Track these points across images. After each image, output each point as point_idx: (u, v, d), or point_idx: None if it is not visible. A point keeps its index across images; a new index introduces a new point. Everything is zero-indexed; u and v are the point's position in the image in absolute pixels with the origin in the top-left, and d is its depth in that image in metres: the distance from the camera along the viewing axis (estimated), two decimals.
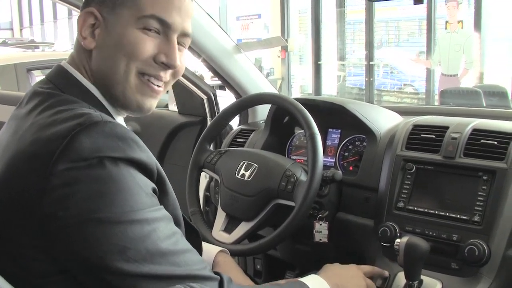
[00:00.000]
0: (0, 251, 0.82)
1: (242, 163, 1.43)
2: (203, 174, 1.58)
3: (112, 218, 0.78)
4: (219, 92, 2.17)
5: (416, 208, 1.30)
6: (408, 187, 1.33)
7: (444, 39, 6.35)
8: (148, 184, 0.84)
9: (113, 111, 0.96)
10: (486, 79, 6.38)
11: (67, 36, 14.40)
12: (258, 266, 1.78)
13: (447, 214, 1.25)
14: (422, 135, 1.38)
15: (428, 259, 1.16)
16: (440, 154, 1.32)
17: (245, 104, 1.61)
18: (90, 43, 0.92)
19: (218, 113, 1.85)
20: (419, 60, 7.41)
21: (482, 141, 1.29)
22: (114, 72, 0.91)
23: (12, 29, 17.91)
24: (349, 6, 8.41)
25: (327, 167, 1.55)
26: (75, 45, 0.96)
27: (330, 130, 1.64)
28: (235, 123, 1.99)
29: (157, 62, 0.93)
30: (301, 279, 1.08)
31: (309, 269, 1.19)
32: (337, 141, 1.62)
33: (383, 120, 1.54)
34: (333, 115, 1.60)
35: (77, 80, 0.93)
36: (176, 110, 2.26)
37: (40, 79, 0.96)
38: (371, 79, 7.62)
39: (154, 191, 0.86)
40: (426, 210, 1.28)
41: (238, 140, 1.80)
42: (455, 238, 1.22)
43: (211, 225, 1.47)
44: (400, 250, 1.14)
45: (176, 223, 0.91)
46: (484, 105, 4.43)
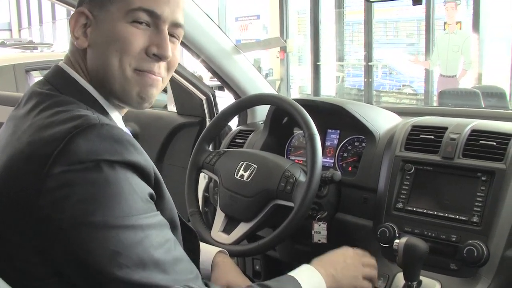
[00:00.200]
0: None
1: (241, 163, 1.43)
2: (202, 175, 1.58)
3: (106, 222, 0.77)
4: (218, 92, 2.17)
5: (415, 209, 1.30)
6: (407, 187, 1.33)
7: (443, 40, 6.36)
8: (144, 189, 0.84)
9: (112, 109, 0.96)
10: (485, 80, 6.39)
11: (66, 37, 14.38)
12: (257, 267, 1.78)
13: (446, 214, 1.25)
14: (421, 136, 1.38)
15: (427, 260, 1.16)
16: (439, 155, 1.32)
17: (244, 104, 1.61)
18: (83, 42, 0.92)
19: (217, 113, 1.85)
20: (418, 61, 7.42)
21: (481, 141, 1.29)
22: (109, 68, 0.91)
23: (10, 30, 17.90)
24: (348, 7, 8.40)
25: (326, 167, 1.55)
26: (69, 46, 0.96)
27: (329, 130, 1.65)
28: (234, 124, 1.99)
29: (149, 54, 0.92)
30: (292, 273, 1.03)
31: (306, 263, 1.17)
32: (336, 141, 1.63)
33: (382, 121, 1.54)
34: (332, 116, 1.60)
35: (75, 80, 0.93)
36: (175, 111, 2.26)
37: (38, 80, 0.96)
38: (370, 80, 7.62)
39: (151, 196, 0.85)
40: (425, 211, 1.29)
41: (237, 140, 1.80)
42: (454, 239, 1.22)
43: (210, 226, 1.47)
44: (399, 251, 1.14)
45: (173, 226, 0.90)
46: (482, 105, 4.43)
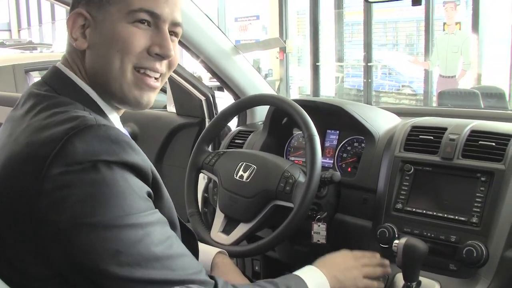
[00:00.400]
0: None
1: (240, 164, 1.43)
2: (201, 175, 1.58)
3: (105, 222, 0.77)
4: (217, 93, 2.17)
5: (414, 209, 1.30)
6: (406, 188, 1.33)
7: (442, 41, 6.37)
8: (142, 188, 0.84)
9: (109, 110, 0.96)
10: (484, 80, 6.40)
11: (65, 38, 14.34)
12: (256, 267, 1.78)
13: (445, 215, 1.25)
14: (420, 136, 1.38)
15: (426, 260, 1.16)
16: (438, 155, 1.32)
17: (243, 105, 1.61)
18: (82, 43, 0.93)
19: (216, 114, 1.85)
20: (417, 62, 7.42)
21: (480, 142, 1.29)
22: (109, 69, 0.91)
23: (10, 30, 17.88)
24: (347, 7, 8.40)
25: (325, 168, 1.55)
26: (67, 47, 0.97)
27: (328, 131, 1.65)
28: (234, 125, 1.99)
29: (151, 54, 0.93)
30: (297, 272, 1.06)
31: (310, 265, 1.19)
32: (335, 142, 1.63)
33: (381, 121, 1.54)
34: (332, 116, 1.60)
35: (72, 81, 0.93)
36: (175, 111, 2.26)
37: (36, 81, 0.96)
38: (369, 80, 7.62)
39: (149, 194, 0.85)
40: (424, 211, 1.29)
41: (236, 141, 1.80)
42: (453, 239, 1.22)
43: (209, 226, 1.47)
44: (398, 251, 1.14)
45: (172, 226, 0.90)
46: (482, 106, 4.44)
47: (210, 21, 1.80)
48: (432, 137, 1.36)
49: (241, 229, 1.39)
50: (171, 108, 2.28)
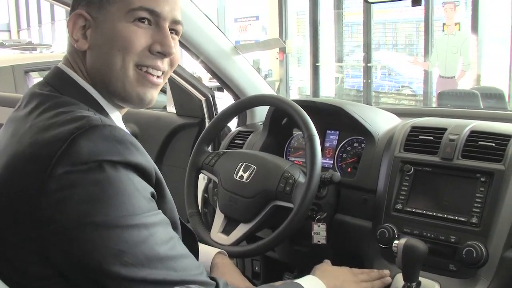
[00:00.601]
0: None
1: (240, 164, 1.43)
2: (201, 176, 1.58)
3: (109, 222, 0.78)
4: (217, 93, 2.17)
5: (414, 210, 1.30)
6: (406, 188, 1.33)
7: (442, 41, 6.37)
8: (146, 188, 0.84)
9: (112, 110, 0.96)
10: (483, 81, 6.40)
11: (65, 38, 14.35)
12: (256, 268, 1.77)
13: (445, 215, 1.25)
14: (420, 137, 1.38)
15: (426, 261, 1.16)
16: (438, 156, 1.32)
17: (243, 105, 1.61)
18: (83, 44, 0.93)
19: (216, 114, 1.85)
20: (417, 62, 7.42)
21: (480, 142, 1.29)
22: (111, 68, 0.92)
23: (9, 31, 17.88)
24: (346, 8, 8.41)
25: (325, 168, 1.56)
26: (68, 48, 0.97)
27: (328, 131, 1.65)
28: (234, 125, 1.99)
29: (153, 52, 0.93)
30: (298, 281, 1.08)
31: (308, 271, 1.20)
32: (335, 142, 1.63)
33: (381, 122, 1.54)
34: (332, 117, 1.60)
35: (75, 81, 0.93)
36: (174, 112, 2.26)
37: (38, 81, 0.96)
38: (369, 80, 7.62)
39: (152, 195, 0.86)
40: (424, 212, 1.29)
41: (236, 141, 1.80)
42: (453, 240, 1.22)
43: (209, 227, 1.47)
44: (398, 252, 1.14)
45: (174, 227, 0.91)
46: (481, 107, 4.44)
47: (210, 21, 1.80)
48: (432, 138, 1.36)
49: (241, 230, 1.39)
50: (171, 108, 2.28)
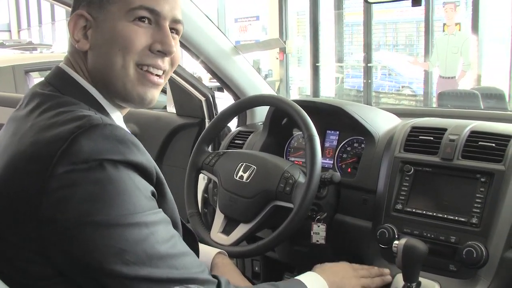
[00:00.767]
0: None
1: (240, 164, 1.43)
2: (201, 176, 1.58)
3: (110, 220, 0.78)
4: (217, 93, 2.17)
5: (414, 210, 1.30)
6: (406, 189, 1.33)
7: (442, 41, 6.37)
8: (147, 187, 0.84)
9: (113, 109, 0.96)
10: (484, 81, 6.40)
11: (65, 38, 14.38)
12: (256, 268, 1.77)
13: (445, 216, 1.25)
14: (420, 137, 1.38)
15: (426, 261, 1.16)
16: (438, 156, 1.32)
17: (243, 105, 1.61)
18: (84, 44, 0.93)
19: (216, 114, 1.85)
20: (417, 62, 7.43)
21: (480, 143, 1.29)
22: (112, 68, 0.92)
23: (9, 31, 17.89)
24: (347, 8, 8.41)
25: (325, 168, 1.55)
26: (69, 48, 0.97)
27: (328, 131, 1.65)
28: (234, 125, 1.99)
29: (153, 51, 0.93)
30: (298, 277, 1.09)
31: (307, 271, 1.20)
32: (335, 142, 1.63)
33: (381, 122, 1.54)
34: (332, 117, 1.60)
35: (76, 81, 0.94)
36: (174, 112, 2.26)
37: (39, 81, 0.97)
38: (369, 81, 7.62)
39: (153, 194, 0.86)
40: (424, 212, 1.29)
41: (236, 141, 1.80)
42: (453, 240, 1.22)
43: (209, 227, 1.47)
44: (398, 252, 1.14)
45: (174, 226, 0.91)
46: (481, 107, 4.44)
47: (210, 21, 1.80)
48: (432, 138, 1.36)
49: (241, 230, 1.39)
50: (171, 108, 2.28)
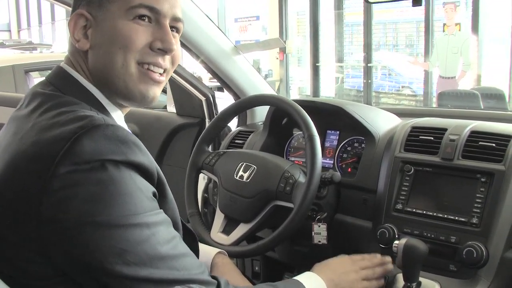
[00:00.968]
0: None
1: (240, 164, 1.43)
2: (201, 176, 1.58)
3: (111, 221, 0.78)
4: (217, 93, 2.17)
5: (414, 210, 1.30)
6: (406, 188, 1.33)
7: (442, 42, 6.37)
8: (148, 188, 0.84)
9: (114, 109, 0.96)
10: (484, 81, 6.40)
11: (65, 38, 14.38)
12: (256, 268, 1.77)
13: (445, 216, 1.25)
14: (420, 137, 1.38)
15: (426, 261, 1.16)
16: (438, 156, 1.32)
17: (243, 105, 1.61)
18: (84, 44, 0.93)
19: (216, 114, 1.85)
20: (417, 62, 7.44)
21: (480, 143, 1.29)
22: (113, 67, 0.92)
23: (9, 31, 17.89)
24: (347, 8, 8.41)
25: (325, 168, 1.55)
26: (69, 48, 0.97)
27: (328, 131, 1.65)
28: (234, 125, 1.99)
29: (154, 49, 0.93)
30: (297, 278, 1.09)
31: (307, 271, 1.19)
32: (335, 142, 1.63)
33: (381, 122, 1.54)
34: (332, 117, 1.60)
35: (77, 80, 0.94)
36: (175, 112, 2.26)
37: (40, 81, 0.96)
38: (369, 81, 7.62)
39: (154, 194, 0.86)
40: (424, 212, 1.29)
41: (236, 141, 1.80)
42: (453, 240, 1.22)
43: (209, 227, 1.47)
44: (398, 252, 1.14)
45: (175, 226, 0.91)
46: (481, 107, 4.44)
47: (210, 21, 1.80)
48: (432, 138, 1.36)
49: (241, 230, 1.39)
50: (171, 108, 2.28)
